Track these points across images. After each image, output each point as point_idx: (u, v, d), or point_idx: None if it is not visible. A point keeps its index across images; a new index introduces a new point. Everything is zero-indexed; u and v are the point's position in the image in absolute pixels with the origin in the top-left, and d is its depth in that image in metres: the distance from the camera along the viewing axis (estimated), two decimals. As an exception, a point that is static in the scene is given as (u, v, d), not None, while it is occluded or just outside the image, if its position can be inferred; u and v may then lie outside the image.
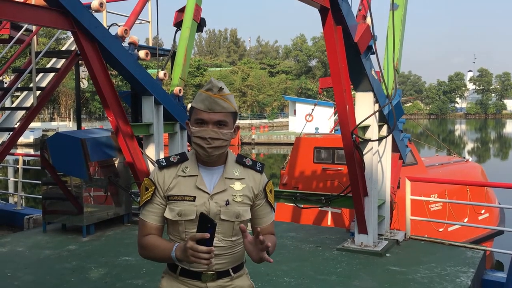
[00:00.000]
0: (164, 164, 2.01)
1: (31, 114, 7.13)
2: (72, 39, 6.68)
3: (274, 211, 2.12)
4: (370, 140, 5.66)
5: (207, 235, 1.73)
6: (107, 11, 6.81)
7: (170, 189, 1.97)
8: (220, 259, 1.96)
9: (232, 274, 2.01)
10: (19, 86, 7.55)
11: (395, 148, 6.52)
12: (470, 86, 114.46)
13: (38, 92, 7.19)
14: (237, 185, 1.99)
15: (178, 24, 6.93)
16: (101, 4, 5.69)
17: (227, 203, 1.95)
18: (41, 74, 8.06)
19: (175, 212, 1.95)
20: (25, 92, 7.98)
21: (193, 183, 1.96)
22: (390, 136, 6.11)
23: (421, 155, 10.59)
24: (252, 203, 2.03)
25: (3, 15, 4.47)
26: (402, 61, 6.41)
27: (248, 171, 2.04)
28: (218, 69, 77.40)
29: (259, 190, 2.04)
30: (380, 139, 5.88)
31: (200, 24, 7.02)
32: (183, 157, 2.03)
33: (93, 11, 5.55)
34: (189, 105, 7.05)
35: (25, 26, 7.83)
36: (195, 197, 1.94)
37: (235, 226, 1.96)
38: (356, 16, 5.38)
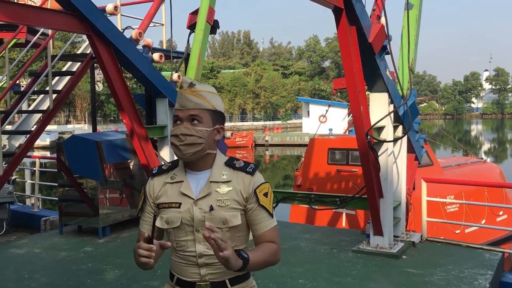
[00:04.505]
0: (155, 172, 1.98)
1: (48, 117, 7.20)
2: (87, 42, 6.74)
3: (272, 217, 1.92)
4: (385, 141, 5.61)
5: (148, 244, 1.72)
6: (121, 15, 6.86)
7: (158, 197, 1.93)
8: (212, 269, 1.86)
9: (228, 286, 1.88)
10: (35, 89, 7.64)
11: (410, 149, 6.46)
12: (486, 85, 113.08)
13: (54, 95, 7.27)
14: (223, 189, 1.86)
15: (192, 27, 6.94)
16: (115, 8, 5.74)
17: (211, 208, 1.84)
18: (57, 78, 8.14)
19: (163, 220, 1.90)
20: (41, 96, 8.07)
21: (178, 189, 1.89)
22: (406, 137, 6.06)
23: (437, 155, 10.48)
24: (243, 208, 1.88)
25: (20, 20, 4.53)
26: (417, 61, 6.35)
27: (238, 173, 1.89)
28: (232, 71, 77.54)
29: (248, 193, 1.87)
30: (395, 140, 5.83)
31: (214, 26, 7.01)
32: (174, 164, 1.97)
33: (108, 15, 5.61)
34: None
35: (41, 30, 7.92)
36: (180, 204, 1.87)
37: (224, 233, 1.83)
38: (370, 16, 5.35)
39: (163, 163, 2.01)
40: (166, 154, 6.35)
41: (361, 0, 4.87)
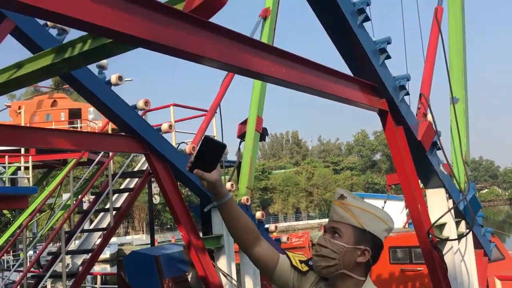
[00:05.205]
0: (311, 265, 1.86)
1: (109, 234, 7.43)
2: (144, 158, 7.10)
3: None
4: (448, 239, 5.36)
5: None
6: (175, 131, 7.26)
7: None
8: None
9: None
10: (96, 208, 7.98)
11: (477, 244, 6.12)
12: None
13: (114, 212, 7.55)
14: None
15: (242, 136, 7.24)
16: (170, 126, 6.11)
17: None
18: (116, 194, 8.51)
19: None
20: (102, 213, 8.40)
21: None
22: (470, 232, 5.78)
23: (508, 247, 9.80)
24: None
25: (85, 146, 4.90)
26: (471, 148, 6.21)
27: None
28: (283, 170, 78.31)
29: None
30: (459, 238, 5.56)
31: (263, 134, 7.29)
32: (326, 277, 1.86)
33: (163, 133, 5.96)
34: (257, 213, 7.13)
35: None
36: None
37: None
38: (416, 114, 5.39)
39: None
40: (223, 264, 6.31)
41: (405, 100, 4.95)
